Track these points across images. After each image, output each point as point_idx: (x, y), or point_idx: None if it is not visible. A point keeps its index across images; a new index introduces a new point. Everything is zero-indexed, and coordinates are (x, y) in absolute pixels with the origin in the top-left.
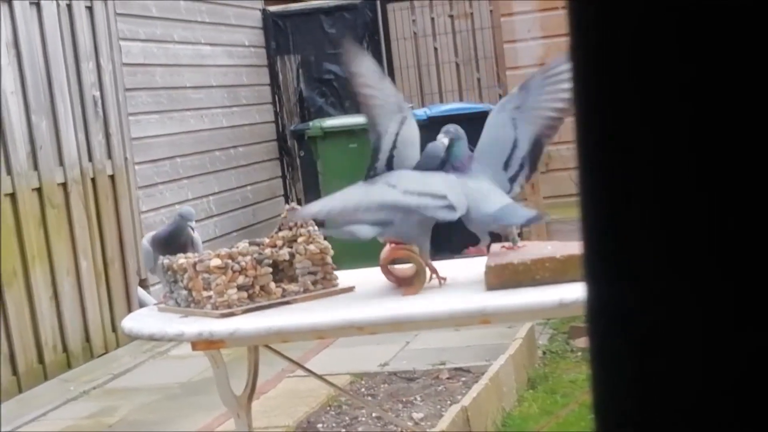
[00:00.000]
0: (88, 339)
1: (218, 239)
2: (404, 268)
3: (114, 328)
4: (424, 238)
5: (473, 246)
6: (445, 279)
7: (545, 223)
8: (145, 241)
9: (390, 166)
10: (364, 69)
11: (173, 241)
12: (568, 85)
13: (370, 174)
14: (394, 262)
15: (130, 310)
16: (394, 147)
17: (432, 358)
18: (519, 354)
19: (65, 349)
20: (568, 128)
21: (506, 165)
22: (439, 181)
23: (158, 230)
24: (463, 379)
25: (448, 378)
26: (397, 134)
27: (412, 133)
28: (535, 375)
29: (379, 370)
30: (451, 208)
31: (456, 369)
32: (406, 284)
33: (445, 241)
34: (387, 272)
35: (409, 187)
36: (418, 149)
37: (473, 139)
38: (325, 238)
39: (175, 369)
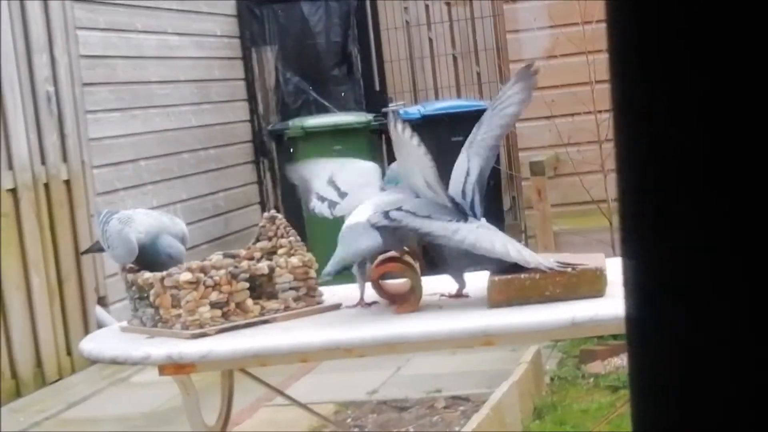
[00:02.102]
0: (39, 364)
1: (187, 252)
2: (397, 284)
3: (69, 352)
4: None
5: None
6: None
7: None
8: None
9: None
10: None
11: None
12: (513, 110)
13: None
14: (386, 276)
15: (87, 331)
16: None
17: (426, 385)
18: (524, 380)
19: (14, 375)
20: (578, 129)
21: (463, 193)
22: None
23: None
24: (462, 408)
25: (444, 407)
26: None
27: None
28: (542, 404)
29: (368, 399)
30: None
31: (453, 397)
32: (399, 301)
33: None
34: (378, 288)
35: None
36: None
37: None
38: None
39: (139, 397)
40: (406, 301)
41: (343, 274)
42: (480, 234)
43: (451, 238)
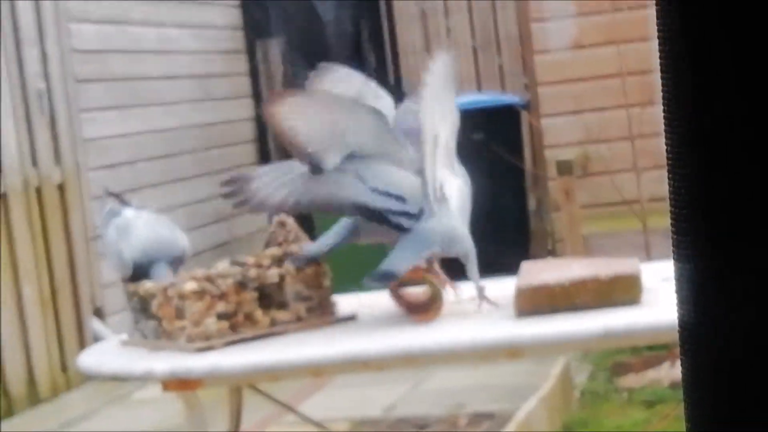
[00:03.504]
0: (32, 381)
1: (189, 259)
2: (416, 292)
3: (64, 368)
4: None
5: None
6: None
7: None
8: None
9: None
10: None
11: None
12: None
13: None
14: (405, 284)
15: (83, 345)
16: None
17: (448, 401)
18: (552, 395)
19: (5, 393)
20: (610, 124)
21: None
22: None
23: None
24: (486, 425)
25: (467, 424)
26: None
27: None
28: (571, 420)
29: (384, 416)
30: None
31: (477, 414)
32: (419, 310)
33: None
34: (396, 296)
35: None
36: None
37: (496, 138)
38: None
39: (139, 416)
40: (426, 311)
41: (355, 280)
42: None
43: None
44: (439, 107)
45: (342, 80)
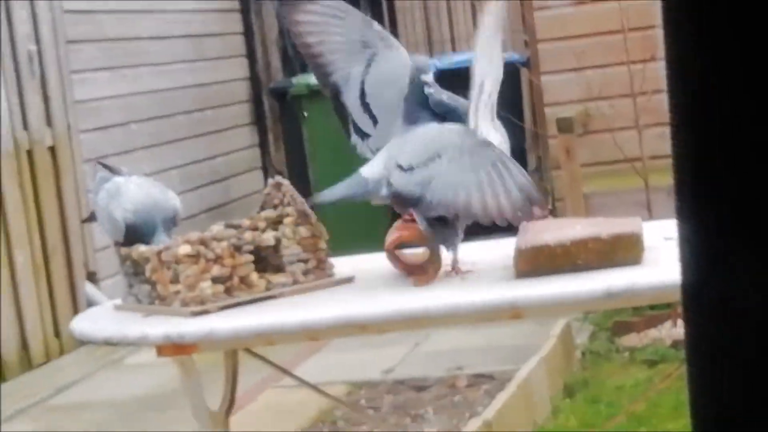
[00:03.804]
0: (25, 346)
1: (184, 222)
2: (414, 254)
3: (57, 333)
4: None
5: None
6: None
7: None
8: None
9: (367, 124)
10: (306, 15)
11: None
12: None
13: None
14: (402, 245)
15: (76, 310)
16: (363, 96)
17: (447, 363)
18: (553, 356)
19: None
20: (611, 81)
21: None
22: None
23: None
24: (485, 387)
25: (466, 386)
26: (363, 80)
27: (386, 69)
28: (572, 381)
29: (383, 378)
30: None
31: (476, 375)
32: (417, 272)
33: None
34: (394, 258)
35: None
36: (401, 89)
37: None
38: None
39: (133, 380)
40: (424, 273)
41: (356, 244)
42: (446, 185)
43: (424, 198)
44: (487, 57)
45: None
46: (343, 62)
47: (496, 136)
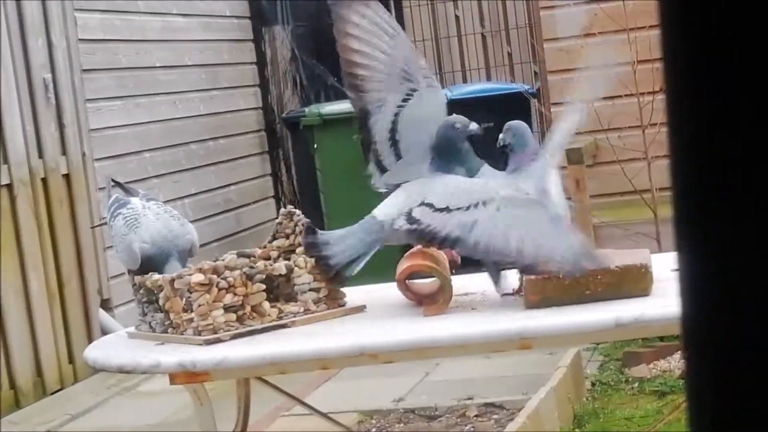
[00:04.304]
0: (39, 373)
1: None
2: (425, 283)
3: (71, 360)
4: None
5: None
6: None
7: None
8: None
9: (389, 157)
10: (359, 19)
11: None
12: None
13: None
14: (413, 276)
15: (90, 337)
16: (393, 130)
17: (457, 392)
18: (563, 386)
19: (12, 385)
20: (619, 113)
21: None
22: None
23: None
24: (496, 416)
25: (476, 416)
26: (396, 114)
27: (424, 111)
28: (582, 411)
29: (394, 407)
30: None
31: (486, 405)
32: (427, 302)
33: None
34: (404, 288)
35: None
36: (431, 133)
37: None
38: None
39: (146, 408)
40: (434, 302)
41: (368, 274)
42: (495, 230)
43: (466, 240)
44: (580, 103)
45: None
46: (380, 85)
47: (557, 180)
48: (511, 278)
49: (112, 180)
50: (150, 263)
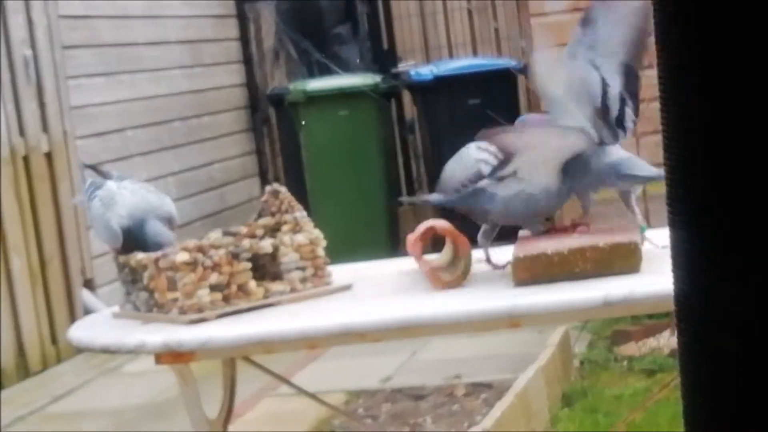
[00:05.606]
0: (22, 353)
1: (180, 229)
2: (432, 258)
3: (54, 340)
4: None
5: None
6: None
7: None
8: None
9: None
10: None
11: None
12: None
13: None
14: (428, 242)
15: (73, 317)
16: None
17: (445, 371)
18: (551, 365)
19: None
20: None
21: (604, 111)
22: None
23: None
24: (483, 395)
25: (464, 395)
26: None
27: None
28: (571, 390)
29: (381, 387)
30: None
31: (474, 384)
32: (443, 275)
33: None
34: (417, 252)
35: None
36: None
37: (493, 104)
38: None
39: (131, 388)
40: (450, 275)
41: (351, 252)
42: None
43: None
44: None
45: None
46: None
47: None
48: (503, 255)
49: (87, 166)
50: (131, 237)
